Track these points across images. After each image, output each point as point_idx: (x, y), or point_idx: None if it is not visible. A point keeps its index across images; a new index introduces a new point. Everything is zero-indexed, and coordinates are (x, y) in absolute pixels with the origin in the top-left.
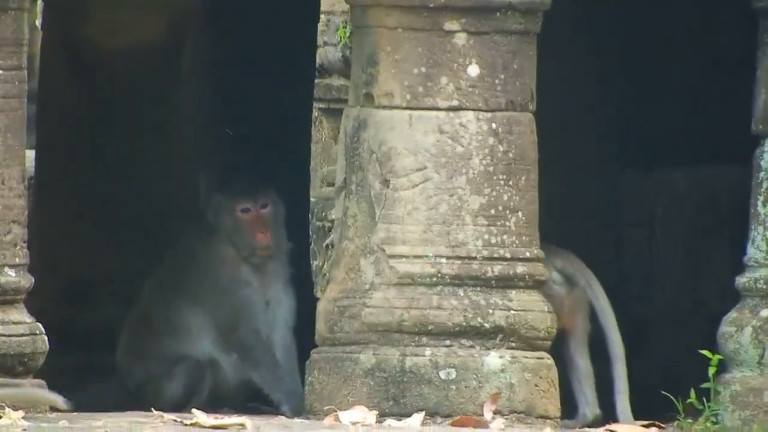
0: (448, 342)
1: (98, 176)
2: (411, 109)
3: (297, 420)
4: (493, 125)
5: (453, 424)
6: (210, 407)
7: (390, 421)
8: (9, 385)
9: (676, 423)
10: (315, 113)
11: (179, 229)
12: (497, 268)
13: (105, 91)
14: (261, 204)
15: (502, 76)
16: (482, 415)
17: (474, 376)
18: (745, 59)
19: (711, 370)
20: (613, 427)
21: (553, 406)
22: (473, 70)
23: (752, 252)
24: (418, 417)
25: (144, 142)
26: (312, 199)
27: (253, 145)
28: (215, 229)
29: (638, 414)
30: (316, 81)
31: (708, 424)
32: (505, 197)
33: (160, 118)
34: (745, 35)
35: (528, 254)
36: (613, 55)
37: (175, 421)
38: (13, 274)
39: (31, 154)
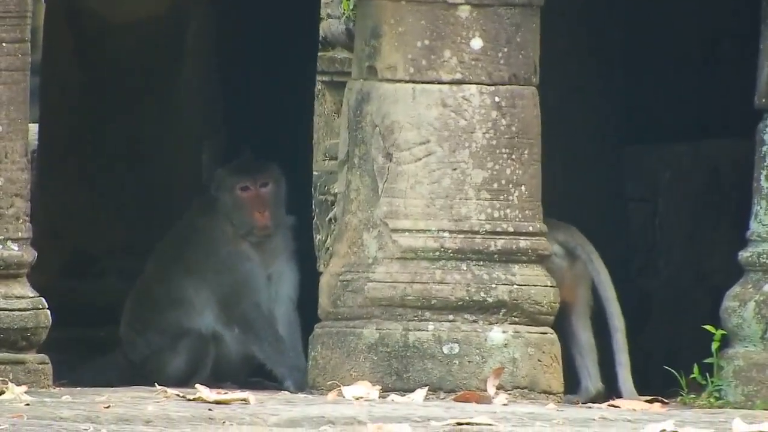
0: (451, 317)
1: (101, 149)
2: (414, 82)
3: (300, 395)
4: (496, 99)
5: (456, 399)
6: (213, 382)
7: (393, 396)
8: (12, 361)
9: (679, 398)
10: (318, 86)
11: (183, 202)
12: (500, 243)
13: (108, 64)
14: (261, 183)
15: (506, 49)
16: (485, 390)
17: (477, 351)
18: (748, 32)
19: (714, 345)
20: (616, 402)
21: (557, 381)
22: (476, 43)
23: (755, 226)
24: (421, 392)
25: (147, 115)
26: (315, 173)
27: (256, 119)
28: (217, 204)
29: (641, 389)
30: (319, 54)
31: (711, 400)
32: (508, 171)
33: (164, 91)
34: (748, 7)
35: (531, 228)
36: (615, 30)
37: (179, 396)
38: (16, 248)
39: (34, 128)
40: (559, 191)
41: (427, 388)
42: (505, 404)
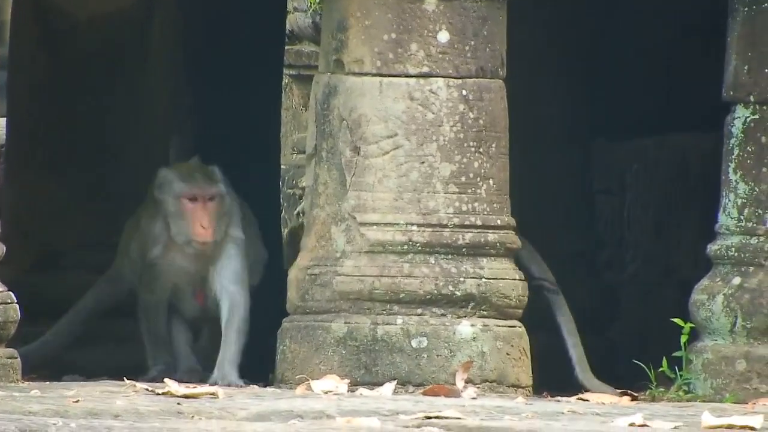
0: (419, 310)
1: (69, 144)
2: (381, 75)
3: (269, 389)
4: (464, 92)
5: (425, 393)
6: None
7: (362, 390)
8: None
9: (648, 392)
10: (285, 80)
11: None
12: (468, 236)
13: (76, 59)
14: (209, 195)
15: (473, 43)
16: (454, 383)
17: (445, 344)
18: (714, 26)
19: (683, 339)
20: (585, 396)
21: (525, 375)
22: (443, 36)
23: (723, 219)
24: (390, 386)
25: (115, 110)
26: (282, 167)
27: (223, 113)
28: (160, 206)
29: (610, 382)
30: (286, 47)
31: (680, 393)
32: (476, 164)
33: (131, 86)
34: (713, 1)
35: (499, 222)
36: (583, 24)
37: (147, 390)
38: None
39: (2, 122)
40: (526, 185)
41: (395, 381)
42: (473, 398)
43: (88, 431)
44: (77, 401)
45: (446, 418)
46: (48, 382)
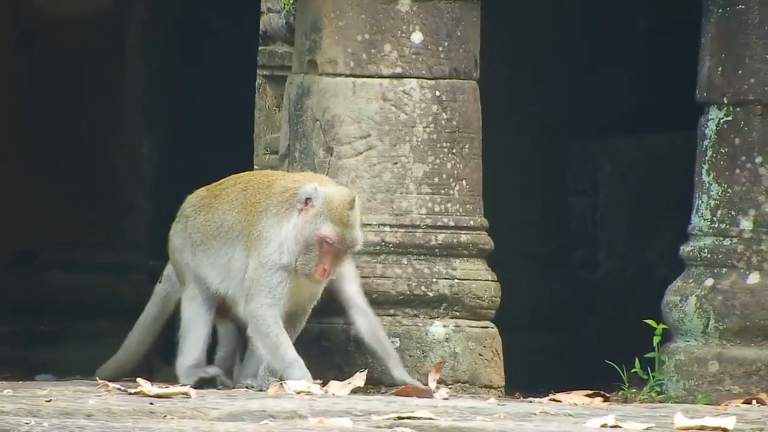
0: (392, 311)
1: (45, 143)
2: (355, 76)
3: (241, 389)
4: (437, 93)
5: (397, 394)
6: None
7: (334, 390)
8: None
9: (620, 392)
10: (258, 80)
11: (124, 193)
12: (441, 237)
13: (52, 59)
14: (348, 248)
15: (446, 44)
16: (426, 384)
17: (418, 345)
18: (690, 27)
19: (655, 340)
20: (557, 396)
21: (498, 376)
22: (417, 37)
23: (696, 221)
24: (360, 376)
25: (91, 109)
26: (256, 167)
27: (196, 112)
28: (292, 215)
29: (583, 383)
30: (259, 48)
31: (652, 394)
32: (449, 165)
33: (107, 85)
34: (689, 3)
35: (472, 223)
36: (562, 24)
37: (120, 389)
38: None
39: None
40: (500, 185)
41: (365, 373)
42: (446, 398)
43: (60, 431)
44: (50, 401)
45: (418, 418)
46: (20, 382)
